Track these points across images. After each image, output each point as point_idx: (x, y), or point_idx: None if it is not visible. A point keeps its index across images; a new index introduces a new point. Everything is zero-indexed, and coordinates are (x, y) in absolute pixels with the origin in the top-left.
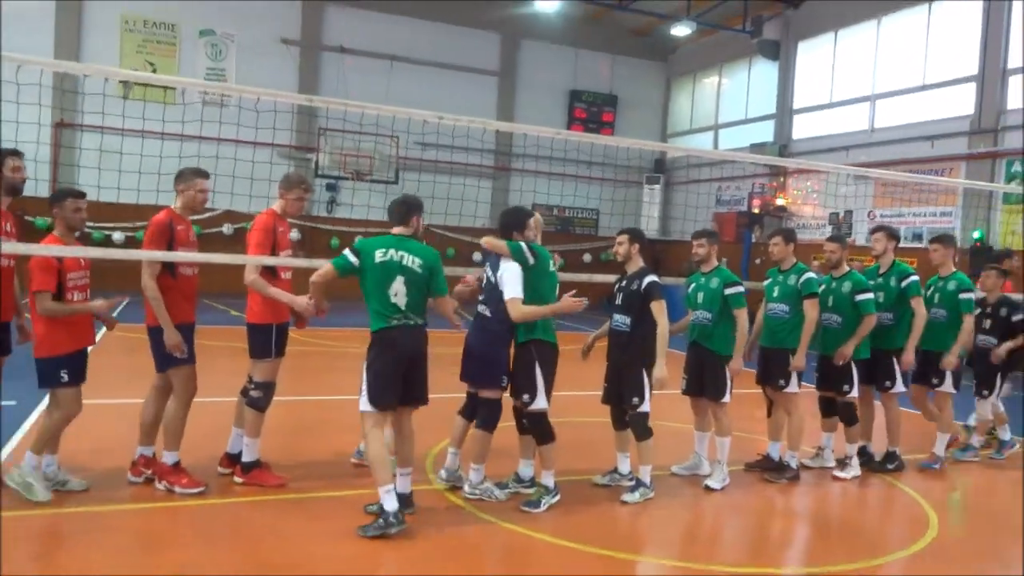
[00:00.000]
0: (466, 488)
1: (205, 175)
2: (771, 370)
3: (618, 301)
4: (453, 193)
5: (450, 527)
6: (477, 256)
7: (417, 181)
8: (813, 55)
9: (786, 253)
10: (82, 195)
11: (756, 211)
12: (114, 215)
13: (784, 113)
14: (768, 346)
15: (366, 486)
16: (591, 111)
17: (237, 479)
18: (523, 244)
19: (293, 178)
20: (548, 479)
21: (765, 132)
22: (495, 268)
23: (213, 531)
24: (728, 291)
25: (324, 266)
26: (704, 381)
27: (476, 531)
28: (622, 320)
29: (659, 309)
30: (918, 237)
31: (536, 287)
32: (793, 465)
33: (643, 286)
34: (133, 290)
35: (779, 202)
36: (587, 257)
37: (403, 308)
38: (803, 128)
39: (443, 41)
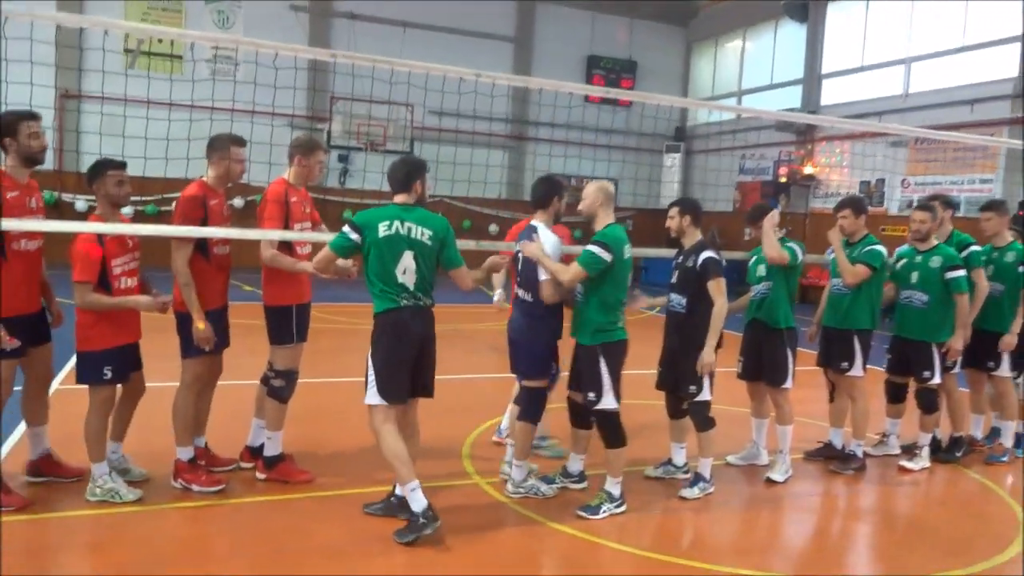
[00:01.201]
0: (509, 487)
1: (241, 142)
2: (833, 351)
3: (673, 279)
4: (469, 162)
5: (492, 530)
6: (494, 228)
7: (433, 151)
8: (844, 16)
9: (857, 226)
10: (122, 165)
11: (783, 179)
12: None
13: (812, 78)
14: (831, 326)
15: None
16: (609, 78)
17: (260, 475)
18: (594, 249)
19: (308, 142)
20: (614, 486)
21: (792, 98)
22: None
23: (233, 536)
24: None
25: (320, 252)
26: (763, 363)
27: (520, 534)
28: (678, 300)
29: (716, 288)
30: (955, 206)
31: (617, 277)
32: (859, 454)
33: (699, 263)
34: (161, 266)
35: (807, 170)
36: None
37: (412, 287)
38: (832, 94)
39: (457, 6)
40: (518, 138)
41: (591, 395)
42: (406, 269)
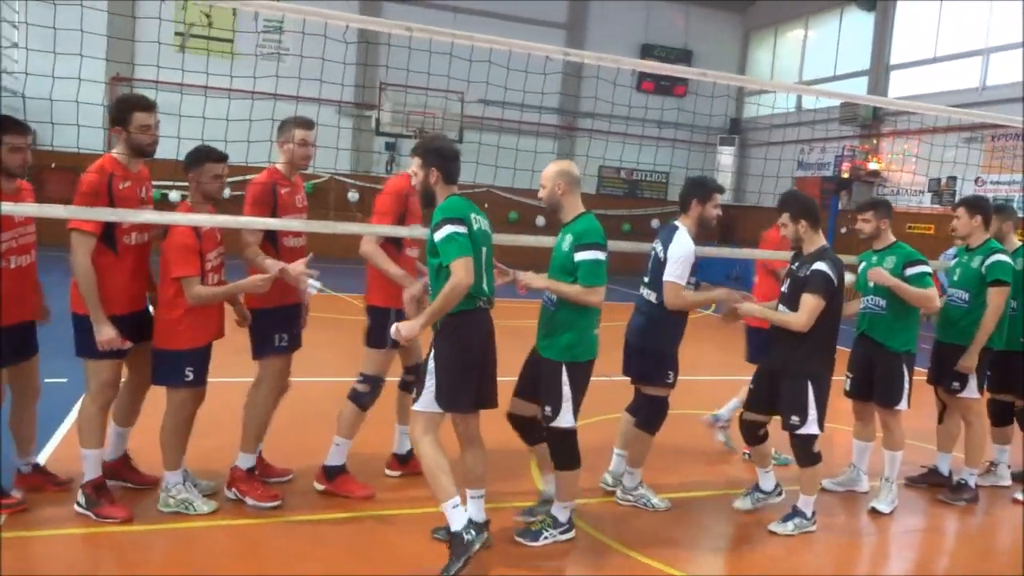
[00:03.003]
0: (619, 493)
1: (306, 124)
2: (945, 369)
3: (784, 288)
4: (516, 154)
5: (562, 558)
6: (541, 220)
7: (478, 142)
8: (916, 3)
9: (970, 228)
10: (223, 158)
11: (845, 176)
12: (169, 174)
13: (879, 69)
14: (944, 341)
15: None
16: (653, 72)
17: (318, 486)
18: (596, 255)
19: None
20: (561, 511)
21: (857, 90)
22: (666, 243)
23: (290, 558)
24: (910, 271)
25: (459, 269)
26: (874, 381)
27: (590, 564)
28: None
29: (808, 305)
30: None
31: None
32: (971, 484)
33: (808, 272)
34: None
35: (872, 166)
36: (655, 223)
37: (486, 288)
38: (901, 86)
39: None
40: (567, 128)
41: (547, 410)
42: (483, 267)
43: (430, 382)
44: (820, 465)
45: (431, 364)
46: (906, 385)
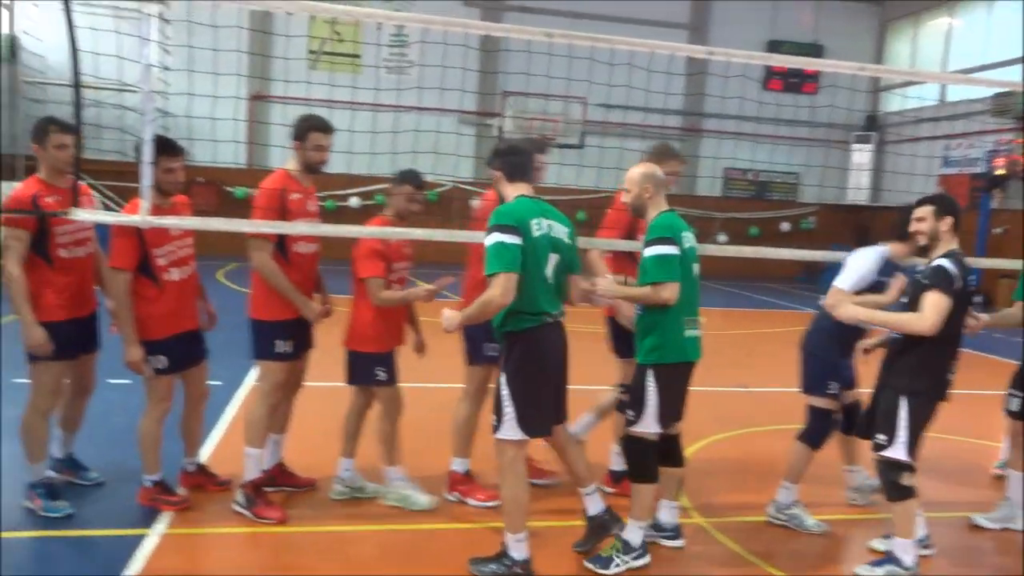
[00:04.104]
0: (770, 510)
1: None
2: None
3: (905, 298)
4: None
5: None
6: None
7: (603, 143)
8: None
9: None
10: (422, 185)
11: (1000, 172)
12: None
13: None
14: None
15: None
16: (787, 65)
17: (608, 488)
18: (660, 251)
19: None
20: (633, 532)
21: (1010, 80)
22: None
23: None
24: None
25: (496, 285)
26: None
27: None
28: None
29: (931, 303)
30: None
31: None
32: None
33: (928, 271)
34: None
35: None
36: (785, 226)
37: (546, 305)
38: None
39: None
40: (691, 130)
41: (629, 413)
42: (550, 277)
43: (508, 409)
44: (913, 503)
45: (504, 390)
46: None
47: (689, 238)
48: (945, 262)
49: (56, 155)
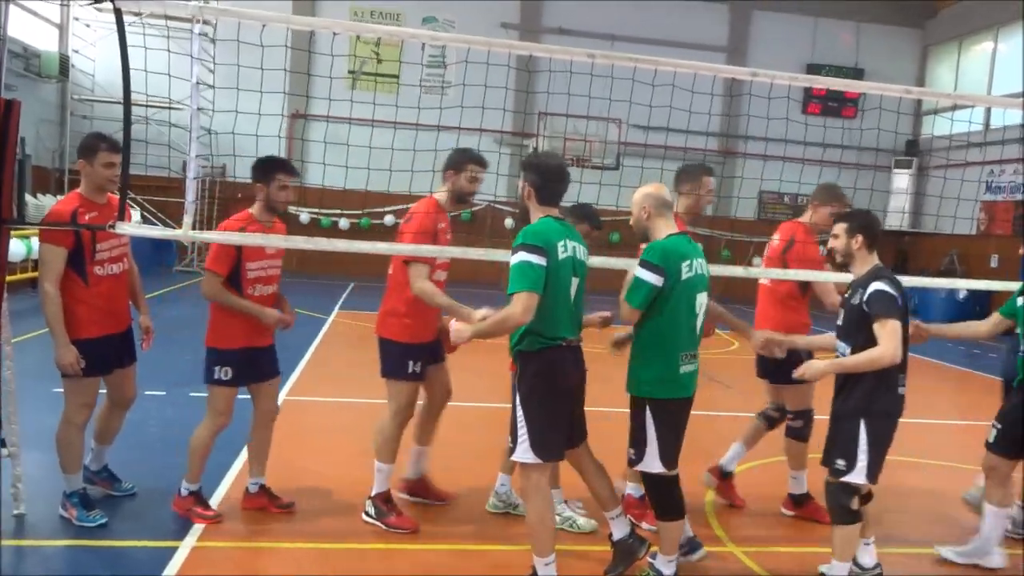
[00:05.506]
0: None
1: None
2: None
3: (839, 320)
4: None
5: None
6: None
7: (640, 167)
8: None
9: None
10: (599, 225)
11: None
12: (341, 201)
13: None
14: None
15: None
16: (832, 88)
17: (787, 511)
18: (638, 273)
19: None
20: (666, 566)
21: None
22: None
23: None
24: None
25: (518, 303)
26: None
27: None
28: (842, 350)
29: (884, 331)
30: None
31: (675, 307)
32: None
33: (866, 297)
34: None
35: None
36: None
37: (564, 331)
38: None
39: (665, 16)
40: (728, 152)
41: (631, 452)
42: (572, 301)
43: (522, 432)
44: (855, 528)
45: (518, 412)
46: None
47: (693, 266)
48: (881, 285)
49: (103, 173)
